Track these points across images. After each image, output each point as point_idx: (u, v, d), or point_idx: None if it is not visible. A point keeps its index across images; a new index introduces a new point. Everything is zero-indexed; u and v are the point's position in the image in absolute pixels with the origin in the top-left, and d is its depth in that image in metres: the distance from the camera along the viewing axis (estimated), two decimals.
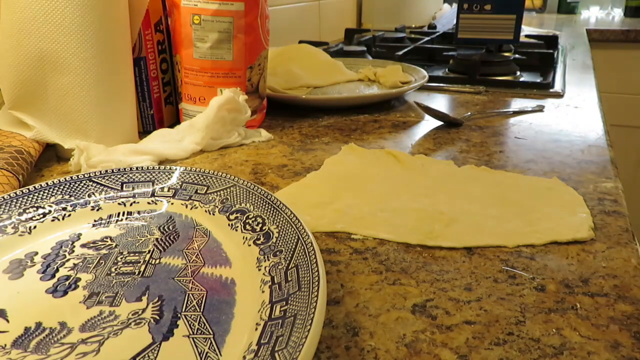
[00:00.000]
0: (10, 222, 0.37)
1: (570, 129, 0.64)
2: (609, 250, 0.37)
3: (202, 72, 0.61)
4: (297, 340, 0.23)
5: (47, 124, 0.53)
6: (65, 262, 0.35)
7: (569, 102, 0.77)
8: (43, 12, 0.49)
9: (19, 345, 0.27)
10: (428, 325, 0.29)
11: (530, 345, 0.28)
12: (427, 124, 0.68)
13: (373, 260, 0.36)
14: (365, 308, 0.31)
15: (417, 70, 0.88)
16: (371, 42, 1.20)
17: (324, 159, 0.55)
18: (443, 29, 1.47)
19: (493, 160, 0.54)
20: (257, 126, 0.67)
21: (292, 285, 0.29)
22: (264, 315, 0.28)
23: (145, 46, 0.62)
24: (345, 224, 0.41)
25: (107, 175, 0.43)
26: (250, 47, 0.61)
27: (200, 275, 0.33)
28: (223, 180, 0.42)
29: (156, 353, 0.26)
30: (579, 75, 0.97)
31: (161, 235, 0.38)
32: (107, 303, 0.30)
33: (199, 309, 0.30)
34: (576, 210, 0.42)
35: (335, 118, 0.71)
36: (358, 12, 1.79)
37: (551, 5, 2.36)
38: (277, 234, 0.35)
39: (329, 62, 0.92)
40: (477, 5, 1.08)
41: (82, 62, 0.52)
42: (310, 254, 0.30)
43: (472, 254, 0.37)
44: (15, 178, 0.46)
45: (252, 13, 0.60)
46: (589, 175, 0.50)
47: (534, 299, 0.32)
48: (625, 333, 0.29)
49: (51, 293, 0.32)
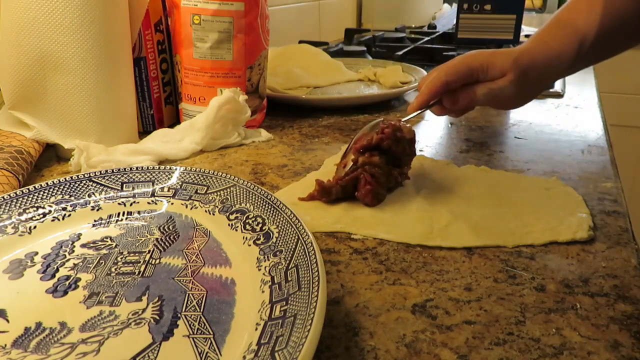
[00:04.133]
0: (10, 222, 0.37)
1: (570, 129, 0.64)
2: (608, 250, 0.37)
3: (202, 72, 0.61)
4: (297, 340, 0.23)
5: (47, 124, 0.53)
6: (65, 262, 0.35)
7: (569, 102, 0.77)
8: (43, 12, 0.49)
9: (19, 345, 0.27)
10: (428, 325, 0.29)
11: (530, 345, 0.28)
12: (427, 124, 0.68)
13: (373, 260, 0.36)
14: (365, 308, 0.31)
15: (417, 70, 0.88)
16: (371, 42, 1.20)
17: (324, 159, 0.55)
18: (443, 29, 1.47)
19: (493, 160, 0.54)
20: (257, 126, 0.67)
21: (292, 285, 0.29)
22: (264, 315, 0.28)
23: (145, 46, 0.62)
24: (345, 224, 0.41)
25: (107, 175, 0.43)
26: (250, 47, 0.61)
27: (200, 275, 0.33)
28: (223, 180, 0.42)
29: (156, 353, 0.26)
30: (579, 75, 0.97)
31: (161, 235, 0.38)
32: (107, 303, 0.30)
33: (199, 309, 0.30)
34: (576, 210, 0.42)
35: (335, 118, 0.71)
36: (358, 12, 1.79)
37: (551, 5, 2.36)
38: (277, 234, 0.35)
39: (329, 62, 0.92)
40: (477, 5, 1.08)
41: (82, 62, 0.52)
42: (310, 254, 0.30)
43: (472, 254, 0.37)
44: (15, 178, 0.46)
45: (252, 13, 0.60)
46: (589, 175, 0.50)
47: (534, 299, 0.32)
48: (625, 333, 0.29)
49: (51, 293, 0.32)
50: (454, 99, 0.49)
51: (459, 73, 0.48)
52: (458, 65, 0.48)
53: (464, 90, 0.49)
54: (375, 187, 0.43)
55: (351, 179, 0.44)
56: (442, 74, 0.48)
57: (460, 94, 0.49)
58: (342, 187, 0.44)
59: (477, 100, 0.49)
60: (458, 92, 0.49)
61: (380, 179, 0.44)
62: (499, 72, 0.48)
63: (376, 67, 0.92)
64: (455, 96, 0.49)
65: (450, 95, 0.49)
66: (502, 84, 0.48)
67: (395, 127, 0.45)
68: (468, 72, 0.48)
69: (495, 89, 0.48)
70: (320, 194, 0.44)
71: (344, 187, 0.44)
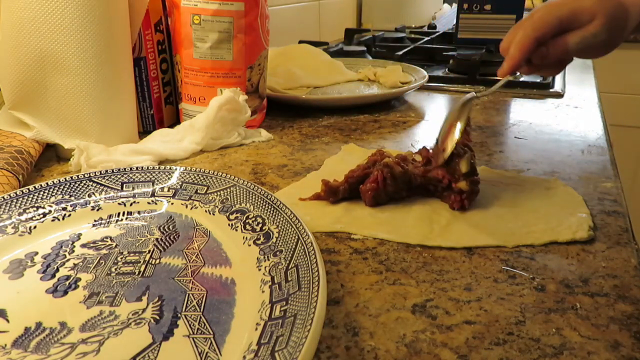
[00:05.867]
0: (10, 222, 0.37)
1: (570, 129, 0.64)
2: (608, 250, 0.37)
3: (202, 72, 0.61)
4: (297, 340, 0.23)
5: (47, 124, 0.53)
6: (66, 262, 0.35)
7: (569, 102, 0.77)
8: (43, 12, 0.49)
9: (19, 345, 0.27)
10: (428, 325, 0.29)
11: (530, 345, 0.28)
12: (427, 124, 0.68)
13: (373, 260, 0.36)
14: (365, 308, 0.31)
15: (417, 70, 0.88)
16: (371, 42, 1.20)
17: (324, 159, 0.55)
18: (443, 29, 1.47)
19: (493, 160, 0.54)
20: (257, 126, 0.67)
21: (292, 285, 0.29)
22: (264, 315, 0.28)
23: (145, 46, 0.62)
24: (345, 224, 0.41)
25: (107, 175, 0.43)
26: (250, 47, 0.61)
27: (200, 275, 0.33)
28: (223, 180, 0.42)
29: (156, 353, 0.26)
30: (579, 75, 0.97)
31: (161, 235, 0.38)
32: (107, 303, 0.31)
33: (199, 309, 0.30)
34: (576, 210, 0.42)
35: (335, 118, 0.71)
36: (358, 12, 1.79)
37: None
38: (277, 233, 0.35)
39: (329, 62, 0.92)
40: (477, 5, 1.08)
41: (82, 62, 0.52)
42: (310, 254, 0.30)
43: (472, 254, 0.37)
44: (15, 178, 0.46)
45: (252, 13, 0.60)
46: (589, 175, 0.50)
47: (534, 299, 0.32)
48: (625, 333, 0.29)
49: (51, 293, 0.32)
50: (544, 54, 0.45)
51: (548, 26, 0.44)
52: (546, 17, 0.44)
53: (554, 43, 0.45)
54: (380, 189, 0.43)
55: (365, 174, 0.44)
56: (529, 30, 0.44)
57: (551, 48, 0.45)
58: (349, 186, 0.44)
59: (570, 51, 0.45)
60: (548, 45, 0.45)
61: (389, 188, 0.43)
62: (588, 17, 0.44)
63: (376, 67, 0.92)
64: (545, 50, 0.45)
65: (540, 50, 0.45)
66: (594, 29, 0.44)
67: (386, 166, 0.43)
68: (558, 23, 0.44)
69: (588, 37, 0.44)
70: (327, 194, 0.44)
71: (351, 185, 0.44)
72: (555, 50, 0.45)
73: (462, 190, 0.42)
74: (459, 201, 0.42)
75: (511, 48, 0.45)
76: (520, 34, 0.44)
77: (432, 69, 0.99)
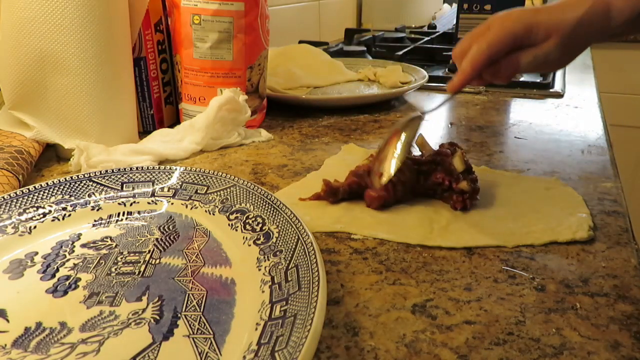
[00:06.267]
0: (10, 222, 0.37)
1: (570, 129, 0.64)
2: (608, 250, 0.37)
3: (202, 72, 0.61)
4: (297, 340, 0.23)
5: (47, 124, 0.53)
6: (66, 262, 0.35)
7: (569, 102, 0.77)
8: (43, 12, 0.49)
9: (19, 345, 0.27)
10: (428, 325, 0.29)
11: (530, 345, 0.28)
12: (427, 124, 0.68)
13: (373, 260, 0.36)
14: (365, 308, 0.31)
15: (417, 70, 0.88)
16: (371, 42, 1.20)
17: (324, 159, 0.55)
18: (443, 29, 1.47)
19: (493, 160, 0.54)
20: (257, 126, 0.67)
21: (292, 285, 0.29)
22: (264, 315, 0.28)
23: (145, 46, 0.62)
24: (345, 224, 0.41)
25: (107, 175, 0.43)
26: (250, 47, 0.61)
27: (200, 275, 0.33)
28: (223, 180, 0.42)
29: (156, 353, 0.26)
30: (579, 75, 0.97)
31: (161, 235, 0.38)
32: (107, 303, 0.31)
33: (199, 309, 0.30)
34: (576, 210, 0.42)
35: (335, 118, 0.71)
36: (358, 12, 1.79)
37: None
38: (277, 233, 0.35)
39: (329, 62, 0.92)
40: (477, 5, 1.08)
41: (82, 62, 0.52)
42: (310, 254, 0.30)
43: (472, 254, 0.37)
44: (15, 178, 0.46)
45: (252, 13, 0.60)
46: (589, 175, 0.50)
47: (534, 299, 0.32)
48: (625, 333, 0.29)
49: (51, 293, 0.32)
50: (495, 70, 0.44)
51: (502, 44, 0.43)
52: (501, 34, 0.43)
53: (506, 61, 0.44)
54: (389, 197, 0.43)
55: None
56: (483, 46, 0.43)
57: (503, 65, 0.44)
58: (349, 187, 0.44)
59: (521, 69, 0.44)
60: (501, 62, 0.44)
61: (398, 193, 0.43)
62: (543, 34, 0.43)
63: (376, 67, 0.92)
64: (497, 67, 0.44)
65: (492, 66, 0.44)
66: (547, 49, 0.43)
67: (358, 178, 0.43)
68: (512, 40, 0.43)
69: (540, 56, 0.43)
70: (327, 194, 0.44)
71: (351, 186, 0.44)
72: (507, 68, 0.44)
73: (464, 190, 0.42)
74: (461, 201, 0.42)
75: (464, 62, 0.44)
76: (475, 50, 0.43)
77: (432, 69, 0.99)
